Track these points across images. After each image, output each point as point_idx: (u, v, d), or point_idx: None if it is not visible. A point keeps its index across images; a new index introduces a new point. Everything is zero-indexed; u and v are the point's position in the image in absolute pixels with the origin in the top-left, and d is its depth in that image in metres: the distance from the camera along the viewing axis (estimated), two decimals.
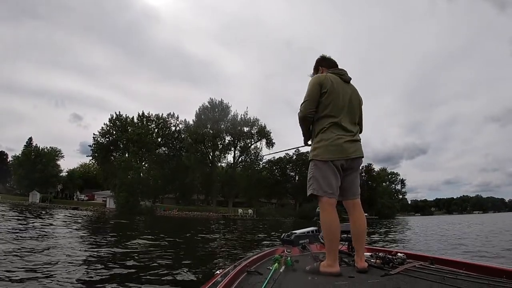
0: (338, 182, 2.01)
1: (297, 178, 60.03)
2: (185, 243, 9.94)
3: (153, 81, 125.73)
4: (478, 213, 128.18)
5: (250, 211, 50.51)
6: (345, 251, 2.54)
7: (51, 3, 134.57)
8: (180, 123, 54.15)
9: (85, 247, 7.23)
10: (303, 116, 2.12)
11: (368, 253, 2.29)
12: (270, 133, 54.58)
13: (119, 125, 49.17)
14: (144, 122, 51.19)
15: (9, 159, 59.57)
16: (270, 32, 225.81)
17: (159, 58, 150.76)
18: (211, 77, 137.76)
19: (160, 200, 54.37)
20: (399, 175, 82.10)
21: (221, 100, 54.84)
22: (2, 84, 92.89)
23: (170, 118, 53.64)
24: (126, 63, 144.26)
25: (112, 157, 49.15)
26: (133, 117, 50.76)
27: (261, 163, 57.96)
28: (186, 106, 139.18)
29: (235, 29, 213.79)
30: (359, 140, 2.12)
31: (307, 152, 2.58)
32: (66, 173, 61.21)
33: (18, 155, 53.12)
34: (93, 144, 48.14)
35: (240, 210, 50.17)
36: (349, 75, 2.22)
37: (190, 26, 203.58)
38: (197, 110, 54.09)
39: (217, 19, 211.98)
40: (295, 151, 55.40)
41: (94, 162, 52.78)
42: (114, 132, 48.94)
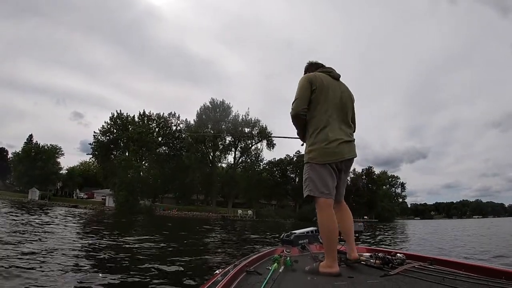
0: (334, 183, 2.02)
1: (297, 179, 59.78)
2: (185, 243, 9.89)
3: (155, 80, 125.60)
4: (478, 217, 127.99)
5: (249, 212, 50.27)
6: (344, 252, 2.51)
7: (54, 1, 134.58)
8: (181, 123, 54.08)
9: (81, 246, 7.07)
10: (295, 114, 2.10)
11: (367, 254, 2.35)
12: (271, 134, 54.48)
13: (119, 123, 48.99)
14: (145, 121, 51.01)
15: (9, 156, 59.53)
16: (271, 32, 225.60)
17: (160, 57, 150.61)
18: (212, 76, 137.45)
19: (160, 200, 54.13)
20: (399, 178, 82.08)
21: (222, 100, 54.95)
22: (3, 81, 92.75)
23: (171, 118, 53.54)
24: (127, 61, 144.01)
25: (112, 156, 48.95)
26: (134, 116, 50.65)
27: (262, 164, 57.96)
28: (187, 105, 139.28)
29: (237, 28, 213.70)
30: (353, 141, 2.14)
31: None
32: (66, 171, 61.14)
33: (18, 152, 52.96)
34: (93, 142, 48.01)
35: (239, 211, 49.88)
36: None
37: (192, 25, 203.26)
38: (198, 110, 54.13)
39: (219, 18, 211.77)
40: (296, 152, 55.48)
41: (94, 160, 52.52)
42: (115, 131, 48.77)
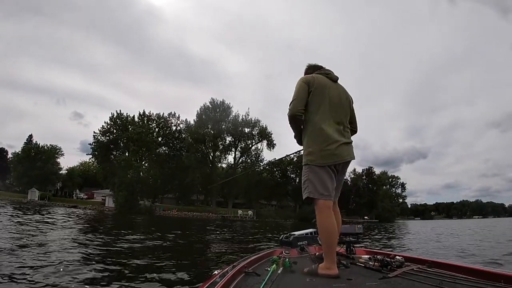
0: (333, 184, 2.03)
1: (297, 180, 59.69)
2: (184, 243, 9.85)
3: (155, 80, 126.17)
4: (478, 217, 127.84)
5: (250, 212, 50.18)
6: (343, 253, 2.54)
7: (54, 0, 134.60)
8: (181, 123, 53.86)
9: (79, 246, 6.94)
10: (292, 115, 2.08)
11: (366, 256, 2.36)
12: (271, 134, 54.39)
13: (119, 123, 48.78)
14: (145, 121, 50.80)
15: (9, 156, 59.49)
16: (271, 32, 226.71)
17: (161, 57, 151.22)
18: (212, 76, 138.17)
19: (160, 200, 54.05)
20: (399, 178, 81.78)
21: (222, 100, 54.68)
22: (3, 80, 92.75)
23: (171, 118, 53.26)
24: (128, 61, 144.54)
25: (112, 156, 48.77)
26: (134, 116, 50.40)
27: (262, 164, 57.82)
28: (187, 105, 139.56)
29: (237, 29, 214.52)
30: (351, 142, 2.14)
31: None
32: (66, 171, 61.11)
33: (18, 152, 52.96)
34: (93, 142, 47.80)
35: (239, 211, 49.78)
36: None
37: (192, 25, 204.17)
38: (198, 110, 53.87)
39: (219, 19, 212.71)
40: (297, 152, 55.10)
41: (94, 160, 52.26)
42: (115, 131, 48.55)
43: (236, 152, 55.74)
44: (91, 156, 49.56)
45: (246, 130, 54.51)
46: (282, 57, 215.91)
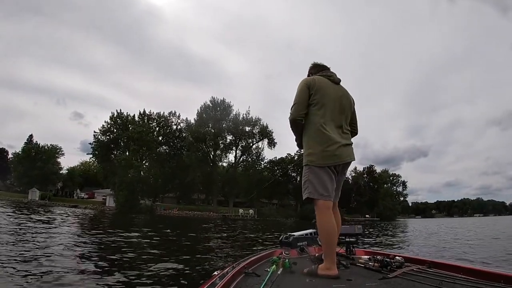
0: (333, 185, 2.05)
1: (298, 179, 59.59)
2: (184, 243, 9.80)
3: (155, 80, 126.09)
4: (479, 216, 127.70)
5: (251, 211, 50.14)
6: (343, 254, 2.56)
7: (54, 0, 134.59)
8: (182, 122, 53.77)
9: (78, 246, 6.90)
10: (293, 119, 2.11)
11: (366, 256, 2.38)
12: (272, 133, 54.24)
13: (120, 123, 48.74)
14: (145, 121, 50.78)
15: (10, 156, 59.51)
16: (271, 32, 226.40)
17: (161, 57, 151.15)
18: (213, 76, 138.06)
19: (160, 199, 54.03)
20: (400, 177, 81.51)
21: (223, 99, 54.46)
22: (3, 80, 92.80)
23: (171, 117, 53.21)
24: (128, 61, 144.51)
25: (112, 155, 48.74)
26: (134, 115, 50.34)
27: (263, 163, 57.74)
28: (187, 105, 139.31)
29: (237, 29, 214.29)
30: (351, 144, 2.16)
31: None
32: (66, 171, 61.11)
33: (18, 152, 52.93)
34: (93, 142, 47.81)
35: (241, 210, 49.79)
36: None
37: (192, 25, 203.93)
38: (199, 109, 53.76)
39: (219, 19, 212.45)
40: (297, 151, 55.14)
41: (94, 160, 52.24)
42: (115, 130, 48.53)
43: (237, 151, 55.69)
44: (91, 155, 49.64)
45: (247, 128, 54.45)
46: (282, 57, 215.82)
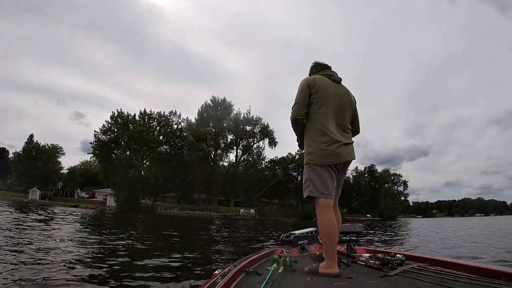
0: (334, 183, 2.06)
1: (299, 178, 59.50)
2: (185, 242, 9.79)
3: (155, 79, 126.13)
4: (480, 215, 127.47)
5: (252, 211, 50.03)
6: (344, 252, 2.58)
7: (54, 0, 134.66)
8: (182, 121, 53.79)
9: (78, 246, 6.84)
10: (295, 118, 2.12)
11: (367, 254, 2.40)
12: (273, 132, 54.23)
13: (120, 122, 48.78)
14: (146, 120, 50.79)
15: (10, 155, 59.55)
16: (272, 32, 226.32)
17: (161, 57, 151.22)
18: (213, 76, 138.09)
19: (161, 199, 54.04)
20: (401, 176, 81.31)
21: (223, 98, 54.42)
22: (4, 80, 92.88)
23: (172, 116, 53.25)
24: (128, 61, 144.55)
25: (113, 155, 48.75)
26: (134, 115, 50.39)
27: (264, 162, 57.66)
28: (188, 104, 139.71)
29: (237, 28, 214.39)
30: (351, 143, 2.16)
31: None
32: (67, 171, 61.10)
33: (19, 151, 52.95)
34: (94, 141, 47.84)
35: (241, 210, 49.65)
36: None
37: (192, 25, 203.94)
38: (200, 108, 53.77)
39: (219, 18, 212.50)
40: (298, 150, 55.08)
41: (95, 159, 52.26)
42: (116, 130, 48.55)
43: (238, 151, 55.65)
44: (92, 155, 49.69)
45: (248, 128, 54.44)
46: (282, 57, 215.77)
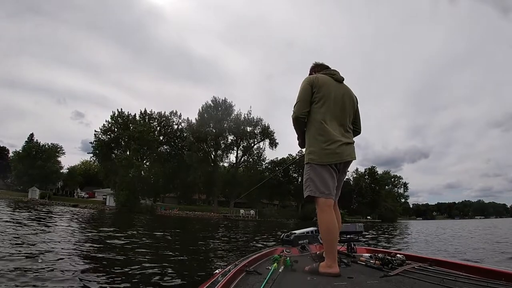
0: (334, 183, 2.05)
1: (299, 179, 59.46)
2: (185, 242, 9.78)
3: (156, 79, 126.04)
4: (480, 218, 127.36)
5: (252, 212, 49.97)
6: (344, 252, 2.57)
7: (55, 0, 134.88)
8: (183, 122, 53.66)
9: (77, 246, 6.76)
10: (296, 117, 2.12)
11: (367, 254, 2.39)
12: (274, 133, 54.10)
13: (121, 122, 48.76)
14: (146, 120, 50.72)
15: (10, 154, 59.54)
16: (273, 32, 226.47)
17: (162, 57, 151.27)
18: (214, 76, 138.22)
19: (161, 199, 54.01)
20: (402, 178, 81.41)
21: (224, 99, 54.20)
22: (4, 80, 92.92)
23: (172, 116, 53.14)
24: (129, 61, 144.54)
25: (113, 155, 48.69)
26: (135, 115, 50.35)
27: (264, 163, 57.57)
28: (188, 105, 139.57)
29: (238, 28, 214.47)
30: (352, 143, 2.16)
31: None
32: (67, 170, 61.10)
33: (19, 150, 52.91)
34: (94, 141, 47.81)
35: (241, 211, 49.60)
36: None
37: (193, 25, 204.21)
38: (200, 109, 53.53)
39: (221, 18, 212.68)
40: (299, 151, 55.09)
41: (95, 159, 52.16)
42: (116, 130, 48.49)
43: (238, 151, 55.43)
44: (92, 155, 49.64)
45: (248, 129, 54.22)
46: (283, 57, 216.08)
